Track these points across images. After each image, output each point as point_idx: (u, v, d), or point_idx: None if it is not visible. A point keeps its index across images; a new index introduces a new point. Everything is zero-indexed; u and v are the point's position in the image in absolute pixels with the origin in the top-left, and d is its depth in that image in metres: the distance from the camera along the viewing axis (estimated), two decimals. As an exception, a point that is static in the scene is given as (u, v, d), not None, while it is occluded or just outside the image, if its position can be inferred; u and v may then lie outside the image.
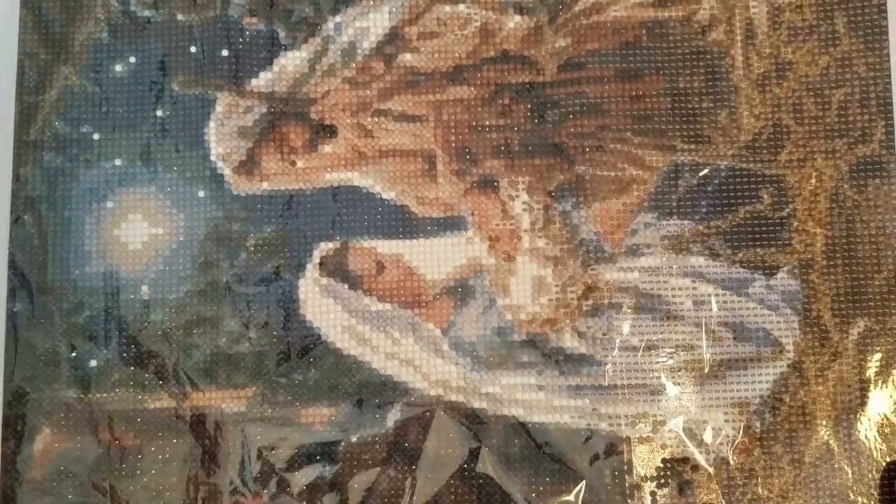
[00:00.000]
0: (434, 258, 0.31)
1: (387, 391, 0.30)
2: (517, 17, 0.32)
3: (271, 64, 0.32)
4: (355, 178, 0.32)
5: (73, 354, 0.31)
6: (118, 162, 0.32)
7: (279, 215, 0.31)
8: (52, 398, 0.31)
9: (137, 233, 0.31)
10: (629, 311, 0.31)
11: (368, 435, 0.30)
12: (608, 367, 0.30)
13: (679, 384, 0.30)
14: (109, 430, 0.30)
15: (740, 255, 0.31)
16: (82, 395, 0.31)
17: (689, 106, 0.32)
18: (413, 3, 0.32)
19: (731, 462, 0.30)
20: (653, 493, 0.30)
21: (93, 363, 0.31)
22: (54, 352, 0.31)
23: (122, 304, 0.31)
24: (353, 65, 0.32)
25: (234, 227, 0.31)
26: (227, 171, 0.32)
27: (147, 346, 0.31)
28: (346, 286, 0.31)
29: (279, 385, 0.31)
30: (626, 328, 0.31)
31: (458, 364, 0.31)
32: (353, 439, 0.30)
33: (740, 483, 0.30)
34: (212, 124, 0.32)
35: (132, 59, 0.32)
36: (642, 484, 0.30)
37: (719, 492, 0.30)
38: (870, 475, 0.30)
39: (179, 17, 0.32)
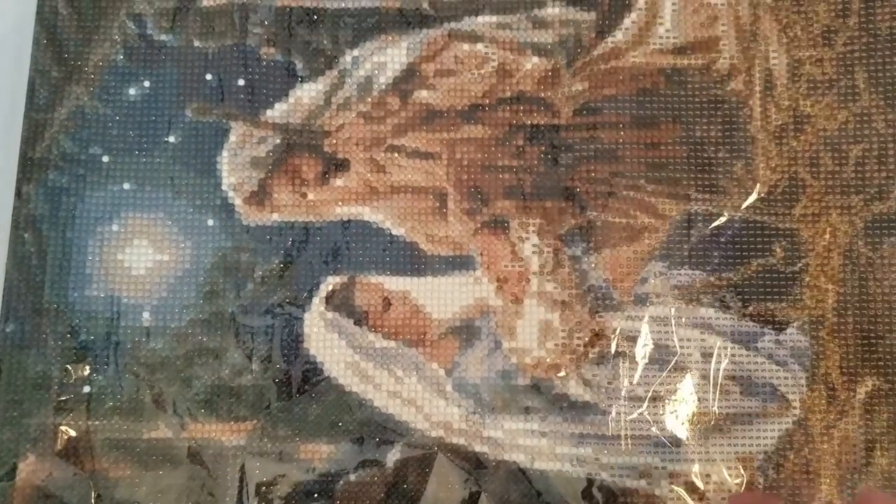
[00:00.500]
0: (441, 297, 0.31)
1: (388, 431, 0.30)
2: (535, 59, 0.32)
3: (287, 95, 0.32)
4: (366, 213, 0.31)
5: (66, 380, 0.30)
6: (126, 185, 0.32)
7: (288, 247, 0.31)
8: (40, 424, 0.30)
9: (142, 258, 0.31)
10: (636, 360, 0.30)
11: (367, 474, 0.30)
12: (612, 416, 0.30)
13: (683, 436, 0.30)
14: (102, 459, 0.30)
15: (750, 308, 0.31)
16: (73, 422, 0.30)
17: (705, 155, 0.31)
18: (431, 41, 0.32)
19: (734, 519, 0.29)
20: (653, 548, 0.29)
21: (86, 389, 0.30)
22: (45, 376, 0.30)
23: (121, 330, 0.31)
24: (369, 99, 0.32)
25: (242, 258, 0.31)
26: (237, 201, 0.31)
27: (145, 375, 0.30)
28: (352, 321, 0.31)
29: (280, 419, 0.30)
30: (632, 378, 0.30)
31: (460, 406, 0.30)
32: (352, 478, 0.30)
33: (742, 541, 0.29)
34: (224, 153, 0.32)
35: (146, 83, 0.32)
36: (642, 537, 0.29)
37: (720, 549, 0.29)
38: (873, 539, 0.29)
39: (196, 43, 0.32)
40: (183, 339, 0.31)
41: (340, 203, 0.31)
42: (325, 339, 0.31)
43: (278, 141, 0.32)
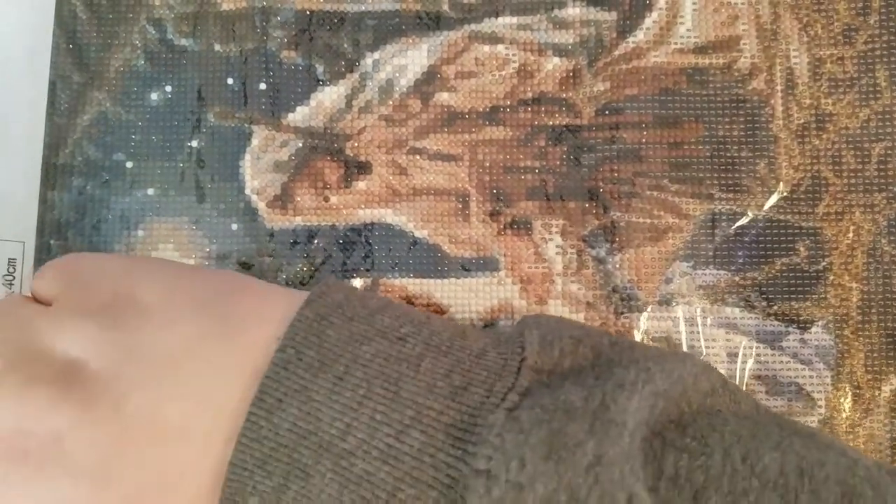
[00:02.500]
0: (465, 298, 0.31)
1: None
2: (556, 60, 0.32)
3: (308, 98, 0.32)
4: (388, 216, 0.31)
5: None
6: (150, 191, 0.32)
7: (311, 251, 0.31)
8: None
9: (167, 263, 0.31)
10: (661, 360, 0.30)
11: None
12: (638, 416, 0.30)
13: (709, 436, 0.30)
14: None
15: (775, 307, 0.31)
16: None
17: (728, 155, 0.31)
18: (452, 42, 0.32)
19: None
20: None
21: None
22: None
23: (149, 334, 0.31)
24: (390, 102, 0.32)
25: (265, 261, 0.31)
26: (261, 205, 0.31)
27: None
28: (376, 324, 0.31)
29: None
30: (657, 378, 0.30)
31: (486, 407, 0.30)
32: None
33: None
34: (247, 157, 0.32)
35: (168, 88, 0.32)
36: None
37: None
38: (901, 537, 0.29)
39: (217, 47, 0.32)
40: (208, 344, 0.31)
41: (363, 206, 0.32)
42: (349, 341, 0.31)
43: (300, 145, 0.32)
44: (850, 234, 0.31)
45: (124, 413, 0.20)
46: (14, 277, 0.31)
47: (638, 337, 0.31)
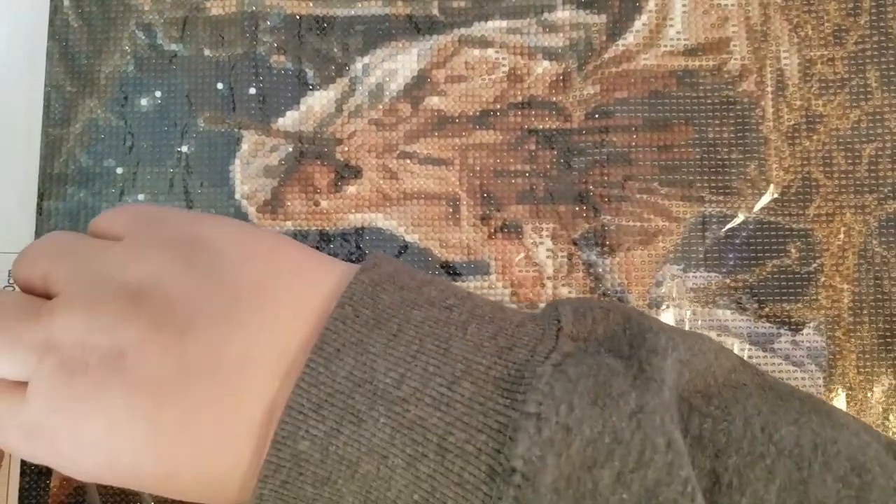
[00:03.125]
0: (456, 303, 0.31)
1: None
2: (546, 63, 0.32)
3: (298, 103, 0.32)
4: (379, 220, 0.31)
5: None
6: (141, 197, 0.32)
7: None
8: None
9: (158, 269, 0.31)
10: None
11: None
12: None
13: (701, 438, 0.30)
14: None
15: (766, 309, 0.31)
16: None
17: (718, 157, 0.31)
18: (441, 47, 0.32)
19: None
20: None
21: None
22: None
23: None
24: (380, 106, 0.32)
25: (255, 267, 0.31)
26: (251, 210, 0.31)
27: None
28: (367, 329, 0.31)
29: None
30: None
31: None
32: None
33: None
34: (237, 162, 0.32)
35: (158, 94, 0.32)
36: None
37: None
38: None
39: (207, 52, 0.32)
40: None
41: (353, 210, 0.32)
42: (340, 346, 0.31)
43: (290, 149, 0.32)
44: (841, 236, 0.31)
45: (187, 340, 0.20)
46: (14, 289, 0.31)
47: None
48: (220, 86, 0.32)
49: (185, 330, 0.20)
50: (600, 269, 0.31)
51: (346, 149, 0.32)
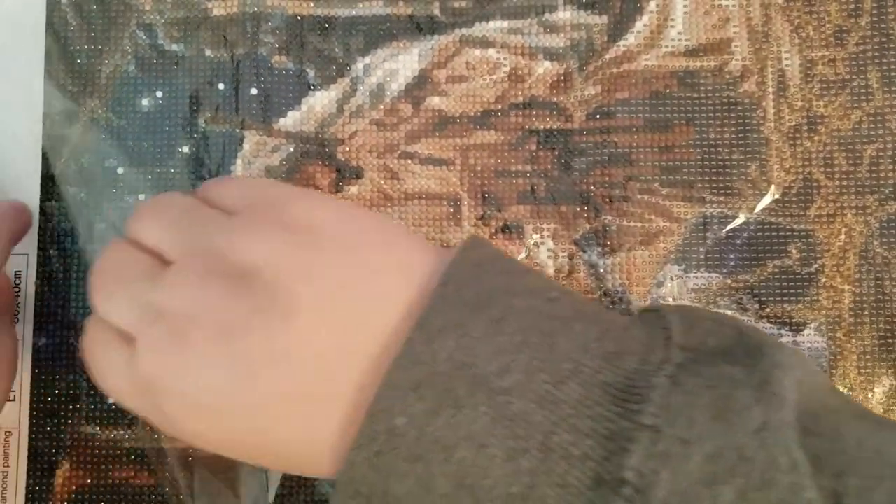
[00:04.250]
0: (457, 303, 0.31)
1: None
2: (547, 63, 0.32)
3: (300, 103, 0.32)
4: (380, 221, 0.31)
5: (92, 390, 0.31)
6: (142, 197, 0.32)
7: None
8: (73, 433, 0.30)
9: (160, 269, 0.31)
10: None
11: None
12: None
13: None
14: (126, 467, 0.30)
15: (767, 310, 0.31)
16: (100, 432, 0.30)
17: (719, 157, 0.31)
18: (443, 47, 0.32)
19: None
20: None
21: (111, 399, 0.31)
22: (75, 387, 0.31)
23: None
24: (381, 106, 0.32)
25: (257, 267, 0.31)
26: (251, 211, 0.31)
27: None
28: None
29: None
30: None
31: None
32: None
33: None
34: (238, 162, 0.32)
35: (159, 94, 0.32)
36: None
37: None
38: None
39: (208, 52, 0.32)
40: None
41: (355, 211, 0.32)
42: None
43: (292, 149, 0.32)
44: (842, 237, 0.31)
45: (290, 324, 0.21)
46: (20, 290, 0.31)
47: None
48: (221, 86, 0.32)
49: (289, 315, 0.21)
50: (601, 270, 0.31)
51: (348, 149, 0.32)
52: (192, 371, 0.21)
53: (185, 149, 0.32)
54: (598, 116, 0.32)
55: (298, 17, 0.32)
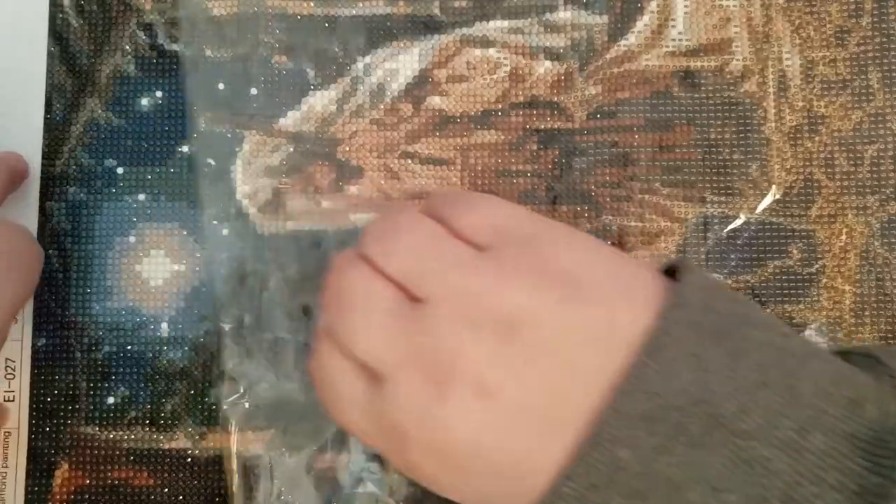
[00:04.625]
0: (457, 303, 0.31)
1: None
2: (547, 63, 0.32)
3: (299, 103, 0.32)
4: (380, 221, 0.31)
5: (92, 391, 0.30)
6: (142, 197, 0.32)
7: (303, 256, 0.31)
8: (72, 434, 0.30)
9: (159, 269, 0.31)
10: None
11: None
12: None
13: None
14: (125, 468, 0.30)
15: (768, 310, 0.31)
16: (99, 433, 0.30)
17: (720, 157, 0.31)
18: (443, 47, 0.32)
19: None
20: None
21: (110, 400, 0.31)
22: (74, 388, 0.31)
23: (140, 341, 0.31)
24: (381, 106, 0.32)
25: (257, 267, 0.31)
26: (252, 210, 0.31)
27: (164, 385, 0.31)
28: (368, 329, 0.31)
29: (299, 429, 0.30)
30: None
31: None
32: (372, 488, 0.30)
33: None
34: (238, 162, 0.32)
35: (158, 94, 0.32)
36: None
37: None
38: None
39: (208, 52, 0.32)
40: (200, 350, 0.31)
41: (355, 210, 0.31)
42: (341, 347, 0.31)
43: (292, 149, 0.32)
44: (843, 237, 0.31)
45: (542, 370, 0.20)
46: None
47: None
48: (221, 86, 0.32)
49: (547, 374, 0.20)
50: (602, 270, 0.31)
51: (348, 148, 0.32)
52: (450, 427, 0.20)
53: (185, 149, 0.32)
54: (598, 116, 0.32)
55: (299, 17, 0.32)
